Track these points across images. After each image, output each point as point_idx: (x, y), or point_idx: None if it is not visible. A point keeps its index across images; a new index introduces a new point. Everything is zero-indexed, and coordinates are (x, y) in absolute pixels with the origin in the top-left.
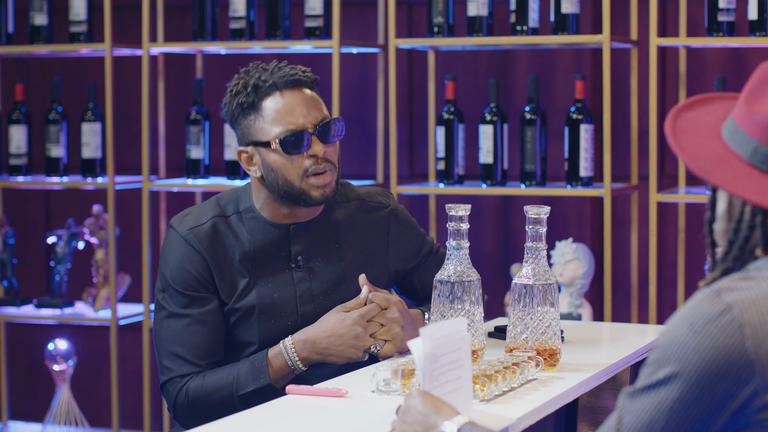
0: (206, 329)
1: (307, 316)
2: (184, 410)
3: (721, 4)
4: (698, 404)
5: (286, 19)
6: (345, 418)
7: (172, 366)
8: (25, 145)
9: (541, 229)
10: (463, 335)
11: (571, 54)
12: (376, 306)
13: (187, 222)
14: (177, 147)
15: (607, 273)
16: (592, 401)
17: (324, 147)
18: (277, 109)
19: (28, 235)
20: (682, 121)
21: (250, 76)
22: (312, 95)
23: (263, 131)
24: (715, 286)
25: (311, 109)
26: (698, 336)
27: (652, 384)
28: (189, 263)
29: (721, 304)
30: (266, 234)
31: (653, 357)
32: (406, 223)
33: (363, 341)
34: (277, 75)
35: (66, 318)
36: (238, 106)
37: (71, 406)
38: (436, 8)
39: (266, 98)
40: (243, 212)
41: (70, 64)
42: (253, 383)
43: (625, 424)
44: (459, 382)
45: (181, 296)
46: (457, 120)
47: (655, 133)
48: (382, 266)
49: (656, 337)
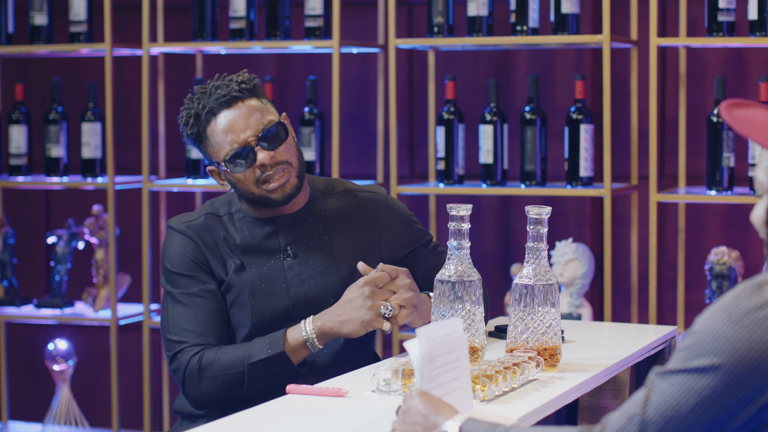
0: (209, 304)
1: (299, 298)
2: (194, 377)
3: (721, 4)
4: (727, 395)
5: (286, 19)
6: (345, 418)
7: (180, 338)
8: (25, 145)
9: (542, 229)
10: (459, 336)
11: (571, 54)
12: (385, 274)
13: (181, 219)
14: (177, 147)
15: (607, 273)
16: (593, 401)
17: (270, 153)
18: (218, 131)
19: (28, 235)
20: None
21: (193, 104)
22: (249, 106)
23: (216, 153)
24: (757, 279)
25: (249, 122)
26: (735, 327)
27: (685, 369)
28: (185, 249)
29: (762, 297)
30: (254, 230)
31: (687, 342)
32: (398, 212)
33: (374, 303)
34: (213, 98)
35: (66, 318)
36: (189, 136)
37: (71, 406)
38: (436, 8)
39: (208, 125)
40: (234, 213)
41: (70, 64)
42: (267, 351)
43: (651, 402)
44: (458, 382)
45: (183, 278)
46: (457, 120)
47: (655, 133)
48: (375, 253)
49: (656, 337)
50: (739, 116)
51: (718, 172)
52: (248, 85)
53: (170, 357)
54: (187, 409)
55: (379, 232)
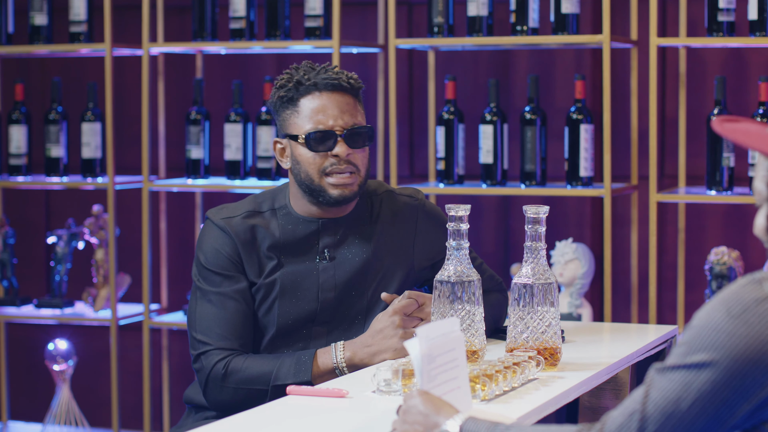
0: (238, 307)
1: (327, 303)
2: (217, 383)
3: (721, 4)
4: (727, 389)
5: (286, 19)
6: (346, 419)
7: (206, 339)
8: (25, 145)
9: (540, 228)
10: (456, 335)
11: (571, 54)
12: (413, 301)
13: (222, 213)
14: (177, 147)
15: (607, 273)
16: (593, 401)
17: (348, 150)
18: (311, 107)
19: (28, 235)
20: (730, 124)
21: (297, 72)
22: (349, 101)
23: (296, 125)
24: (757, 274)
25: (343, 113)
26: (735, 321)
27: (685, 364)
28: (221, 245)
29: (761, 292)
30: (297, 227)
31: (687, 337)
32: (436, 219)
33: (405, 331)
34: (321, 76)
35: (66, 318)
36: (279, 98)
37: (71, 406)
38: (436, 8)
39: (305, 96)
40: (278, 209)
41: (70, 64)
42: (293, 377)
43: (651, 398)
44: (456, 381)
45: (215, 275)
46: (457, 120)
47: (655, 133)
48: (407, 258)
49: (656, 336)
50: (733, 128)
51: (718, 172)
52: (356, 84)
53: (194, 356)
54: (197, 400)
55: (413, 239)
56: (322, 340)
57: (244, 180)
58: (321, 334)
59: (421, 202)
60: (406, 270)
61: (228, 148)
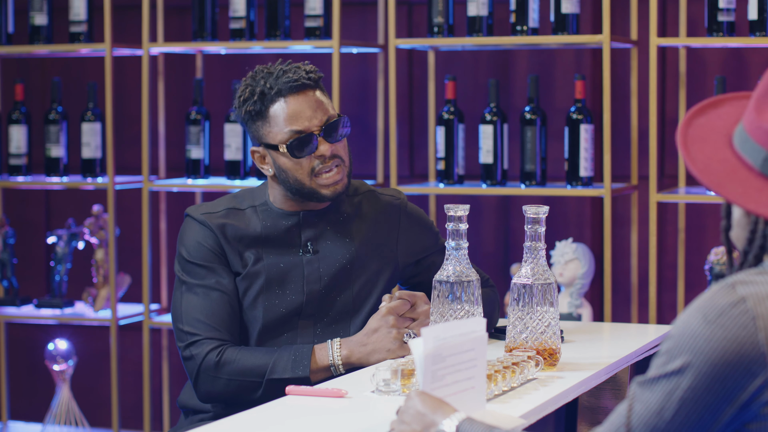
0: (224, 298)
1: (313, 295)
2: (209, 372)
3: (721, 4)
4: (708, 394)
5: (286, 19)
6: (345, 419)
7: (195, 330)
8: (25, 145)
9: (539, 228)
10: (479, 336)
11: (571, 54)
12: (405, 301)
13: (201, 209)
14: (177, 147)
15: (607, 273)
16: (592, 401)
17: (331, 146)
18: (282, 116)
19: (28, 235)
20: (694, 128)
21: (256, 82)
22: (316, 96)
23: (272, 135)
24: (729, 279)
25: (316, 111)
26: (711, 326)
27: (664, 374)
28: (203, 239)
29: (735, 296)
30: (278, 221)
31: (666, 347)
32: (417, 218)
33: (398, 331)
34: (282, 80)
35: (66, 318)
36: (246, 113)
37: (71, 406)
38: (436, 8)
39: (272, 105)
40: (258, 206)
41: (70, 64)
42: (291, 372)
43: (635, 412)
44: (471, 382)
45: (199, 267)
46: (457, 120)
47: (655, 133)
48: (391, 256)
49: (656, 336)
50: (695, 134)
51: None
52: (315, 75)
53: (182, 347)
54: (191, 404)
55: (396, 237)
56: (309, 335)
57: (244, 180)
58: (307, 328)
59: (403, 201)
60: (391, 267)
61: (228, 148)
